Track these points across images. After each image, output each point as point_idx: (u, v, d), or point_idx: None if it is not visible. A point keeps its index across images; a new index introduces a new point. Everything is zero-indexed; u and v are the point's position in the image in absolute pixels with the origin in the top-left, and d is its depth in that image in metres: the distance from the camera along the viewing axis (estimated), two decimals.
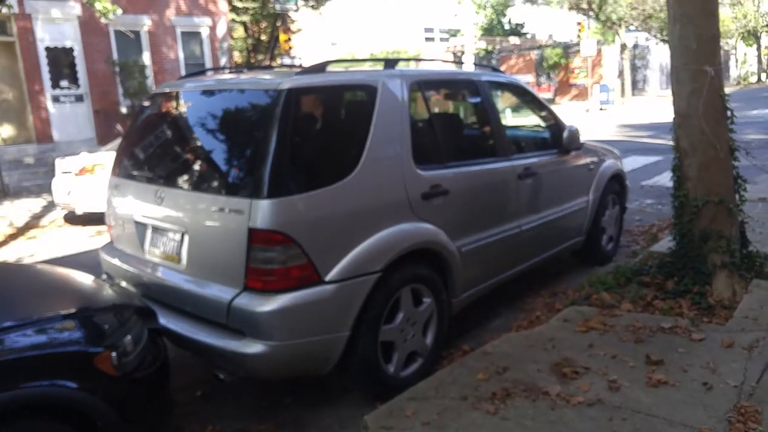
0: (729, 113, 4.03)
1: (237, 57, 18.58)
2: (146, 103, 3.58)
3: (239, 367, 2.75)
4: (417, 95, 3.39)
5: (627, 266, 4.65)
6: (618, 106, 25.02)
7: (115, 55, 12.92)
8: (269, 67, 3.79)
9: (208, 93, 3.20)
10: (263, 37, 19.43)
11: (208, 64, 14.28)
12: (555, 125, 4.57)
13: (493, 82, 4.07)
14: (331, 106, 3.09)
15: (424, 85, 3.47)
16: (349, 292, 2.80)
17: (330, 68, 3.09)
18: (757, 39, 40.86)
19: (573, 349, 3.34)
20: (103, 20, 9.82)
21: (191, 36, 14.30)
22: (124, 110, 12.96)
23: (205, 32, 14.48)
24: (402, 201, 3.10)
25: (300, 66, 3.60)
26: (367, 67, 3.87)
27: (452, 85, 3.97)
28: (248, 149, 2.81)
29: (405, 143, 3.15)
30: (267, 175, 2.61)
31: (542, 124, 4.64)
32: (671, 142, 4.30)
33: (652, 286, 4.19)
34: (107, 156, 8.37)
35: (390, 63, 3.37)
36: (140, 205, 3.22)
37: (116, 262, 3.40)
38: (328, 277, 2.74)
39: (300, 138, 2.77)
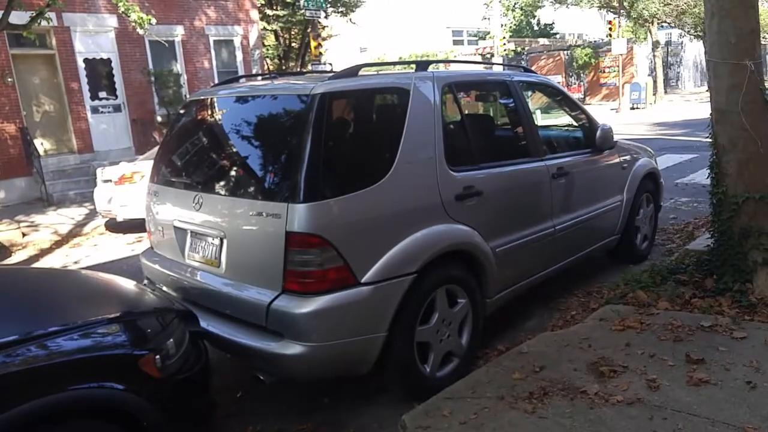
0: None
1: (269, 64, 18.85)
2: (182, 111, 3.68)
3: (278, 369, 2.81)
4: (449, 97, 3.42)
5: (663, 265, 4.59)
6: (650, 105, 24.52)
7: (151, 65, 13.28)
8: (301, 73, 3.87)
9: (242, 99, 3.27)
10: (294, 44, 19.70)
11: (241, 71, 14.54)
12: (588, 124, 4.54)
13: (524, 82, 4.07)
14: (363, 110, 3.14)
15: (456, 86, 3.50)
16: (385, 293, 2.84)
17: (362, 72, 3.14)
18: None
19: (610, 348, 3.32)
20: (139, 31, 10.09)
21: (224, 44, 14.60)
22: (159, 119, 13.30)
23: (237, 40, 14.76)
24: (436, 203, 3.13)
25: (331, 71, 3.67)
26: (398, 70, 3.91)
27: (484, 86, 3.99)
28: (283, 154, 2.88)
29: (438, 145, 3.18)
30: (303, 179, 2.67)
31: (575, 123, 4.61)
32: (707, 139, 4.24)
33: (690, 284, 4.14)
34: (145, 164, 8.61)
35: (422, 65, 3.41)
36: (179, 210, 3.31)
37: (157, 267, 3.50)
38: (364, 279, 2.78)
39: (334, 142, 2.83)
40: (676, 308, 3.81)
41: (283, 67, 19.15)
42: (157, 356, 2.31)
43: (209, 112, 3.43)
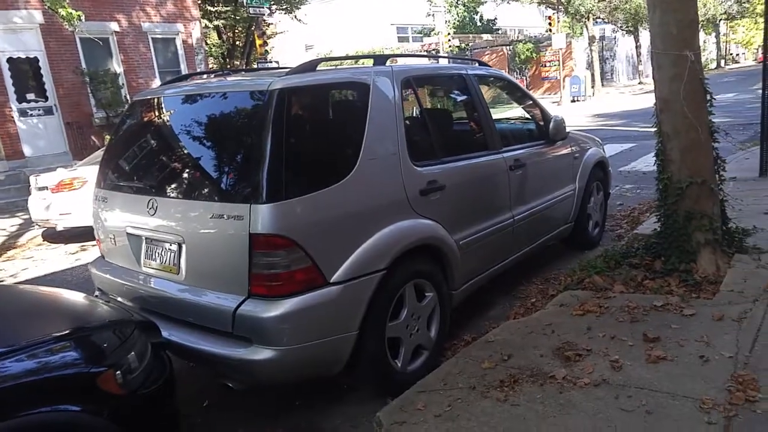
0: (708, 96, 4.15)
1: (212, 63, 18.39)
2: (128, 112, 3.51)
3: (248, 375, 2.74)
4: (408, 91, 3.43)
5: (615, 250, 4.76)
6: (589, 97, 25.42)
7: (84, 65, 12.67)
8: (253, 70, 3.75)
9: (195, 98, 3.14)
10: (238, 42, 19.29)
11: (184, 70, 14.14)
12: (541, 116, 4.66)
13: (480, 76, 4.13)
14: (324, 106, 3.08)
15: (414, 80, 3.50)
16: (355, 291, 2.81)
17: (320, 67, 3.10)
18: (716, 27, 42.02)
19: (572, 332, 3.43)
20: (68, 27, 9.58)
21: (164, 42, 14.15)
22: (97, 121, 12.74)
23: (178, 39, 14.33)
24: (401, 198, 3.14)
25: (280, 68, 3.61)
26: (356, 64, 3.89)
27: (442, 80, 4.02)
28: (243, 153, 2.79)
29: (400, 140, 3.18)
30: (265, 178, 2.58)
31: (528, 115, 4.72)
32: (644, 129, 4.45)
33: (641, 267, 4.31)
34: (86, 170, 8.24)
35: (379, 59, 3.40)
36: (132, 216, 3.16)
37: (109, 276, 3.33)
38: (333, 279, 2.75)
39: (295, 139, 2.74)
40: (630, 290, 3.97)
41: (228, 66, 18.73)
42: (118, 372, 2.18)
43: (159, 112, 3.29)
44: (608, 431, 2.45)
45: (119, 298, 3.28)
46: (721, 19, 40.19)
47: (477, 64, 4.42)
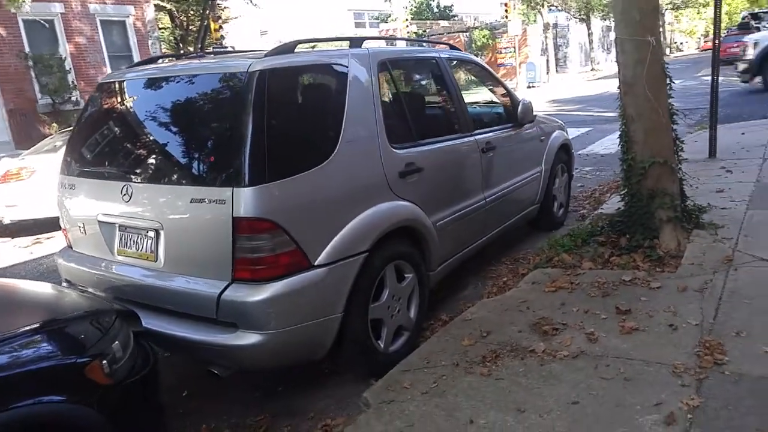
0: (668, 80, 4.31)
1: (164, 48, 17.82)
2: (95, 94, 3.37)
3: (234, 361, 2.71)
4: (384, 74, 3.43)
5: (581, 229, 4.91)
6: (544, 83, 25.92)
7: (27, 48, 12.03)
8: (227, 52, 3.67)
9: (172, 80, 3.05)
10: (192, 27, 18.73)
11: (135, 54, 13.66)
12: (509, 99, 4.74)
13: (452, 59, 4.17)
14: (303, 88, 3.05)
15: (390, 63, 3.50)
16: (339, 274, 2.82)
17: (298, 48, 3.07)
18: (662, 16, 43.53)
19: (547, 308, 3.53)
20: (11, 9, 9.08)
21: (113, 25, 13.61)
22: (43, 108, 12.17)
23: (129, 21, 13.81)
24: (381, 180, 3.15)
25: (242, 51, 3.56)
26: (333, 46, 3.86)
27: (416, 63, 4.04)
28: (223, 136, 2.73)
29: (379, 122, 3.19)
30: (247, 161, 2.54)
31: (497, 98, 4.80)
32: (599, 114, 4.60)
33: (607, 244, 4.46)
34: (34, 159, 7.93)
35: (356, 42, 3.38)
36: (103, 203, 3.06)
37: (78, 266, 3.22)
38: (317, 261, 2.74)
39: (276, 122, 2.70)
40: (598, 267, 4.12)
41: (182, 51, 18.19)
42: (104, 361, 2.12)
43: (132, 95, 3.18)
44: (591, 399, 2.55)
45: (90, 289, 3.17)
46: (666, 9, 41.61)
47: (448, 48, 4.46)
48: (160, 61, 3.60)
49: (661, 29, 4.53)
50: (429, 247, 3.51)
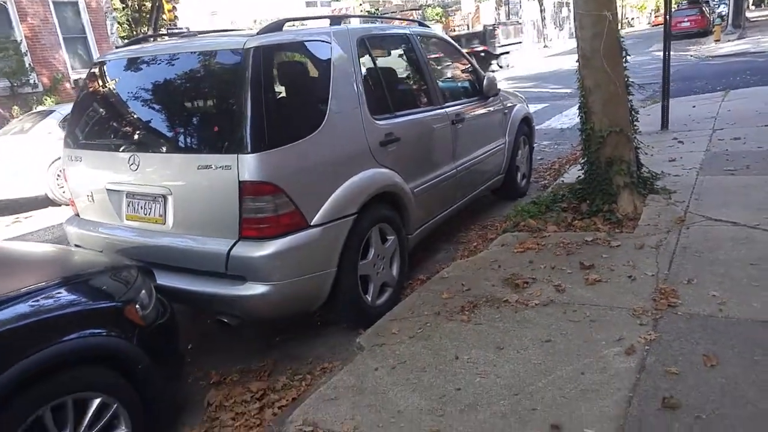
0: (624, 53, 4.66)
1: (117, 30, 17.35)
2: (94, 71, 3.51)
3: (244, 310, 2.94)
4: (363, 49, 3.64)
5: (544, 196, 5.27)
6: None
7: None
8: (215, 31, 3.82)
9: (170, 57, 3.20)
10: (144, 7, 18.25)
11: (90, 36, 13.33)
12: (474, 74, 5.01)
13: (423, 35, 4.40)
14: (294, 63, 3.27)
15: (367, 39, 3.71)
16: (332, 233, 3.08)
17: (285, 27, 3.25)
18: None
19: (516, 266, 3.86)
20: None
21: (66, 6, 13.21)
22: (1, 92, 11.82)
23: (81, 2, 13.42)
24: (364, 149, 3.39)
25: (192, 33, 3.77)
26: (314, 25, 4.04)
27: (390, 39, 4.24)
28: (226, 108, 2.93)
29: (360, 95, 3.42)
30: (249, 130, 2.77)
31: (464, 73, 5.06)
32: (554, 90, 4.95)
33: (569, 209, 4.83)
34: (6, 140, 7.91)
35: (335, 20, 3.58)
36: (111, 173, 3.24)
37: (88, 232, 3.42)
38: (313, 222, 2.99)
39: (272, 94, 2.94)
40: (562, 230, 4.47)
41: (134, 33, 17.75)
42: (137, 305, 2.40)
43: (133, 72, 3.32)
44: (561, 337, 2.88)
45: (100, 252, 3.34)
46: None
47: (417, 25, 4.68)
48: (151, 40, 3.73)
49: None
50: (408, 211, 3.77)
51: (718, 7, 32.91)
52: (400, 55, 4.22)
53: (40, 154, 7.72)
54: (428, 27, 4.84)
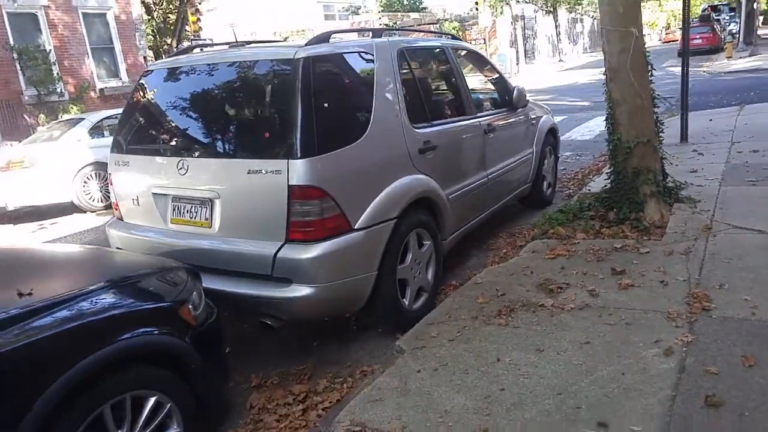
0: (649, 68, 4.76)
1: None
2: (142, 81, 3.66)
3: (288, 312, 3.04)
4: (403, 61, 3.77)
5: (571, 205, 5.35)
6: (514, 74, 26.53)
7: (12, 41, 12.00)
8: (263, 41, 4.00)
9: (221, 66, 3.35)
10: (169, 18, 18.64)
11: (118, 47, 13.65)
12: (504, 85, 5.13)
13: (456, 48, 4.54)
14: (340, 73, 3.40)
15: (407, 51, 3.85)
16: (374, 236, 3.18)
17: (331, 39, 3.39)
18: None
19: (549, 272, 3.94)
20: None
21: (96, 18, 13.56)
22: (28, 99, 12.12)
23: (110, 13, 13.77)
24: (405, 156, 3.51)
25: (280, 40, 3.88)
26: (356, 36, 4.17)
27: (428, 51, 4.38)
28: (276, 115, 3.06)
29: (401, 104, 3.54)
30: (299, 137, 2.89)
31: (494, 84, 5.18)
32: (572, 103, 5.06)
33: (597, 218, 4.90)
34: (37, 148, 8.14)
35: (377, 32, 3.72)
36: (157, 178, 3.37)
37: (132, 235, 3.52)
38: (357, 225, 3.10)
39: (321, 102, 3.06)
40: (591, 237, 4.55)
41: (159, 44, 18.13)
42: (190, 306, 2.49)
43: (182, 80, 3.47)
44: (599, 339, 2.95)
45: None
46: None
47: (451, 38, 4.81)
48: (196, 50, 3.89)
49: None
50: (443, 217, 3.87)
51: (729, 24, 32.96)
52: (437, 67, 4.36)
53: (69, 161, 7.93)
54: (460, 40, 4.97)
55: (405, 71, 3.76)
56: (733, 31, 30.04)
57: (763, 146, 6.81)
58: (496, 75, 5.18)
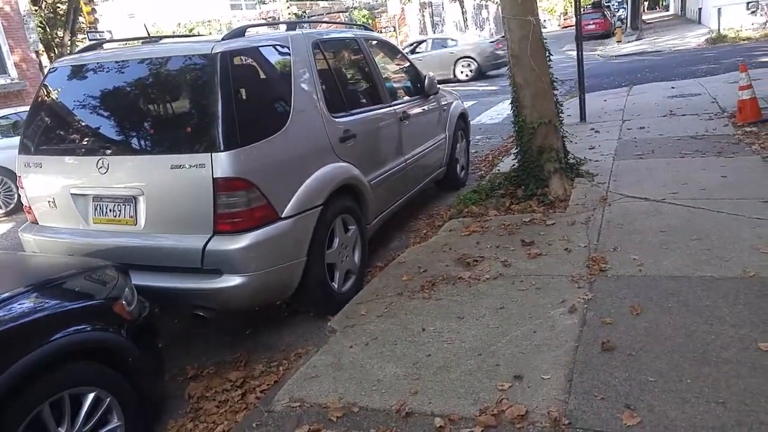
0: (548, 53, 5.15)
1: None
2: (50, 77, 3.55)
3: (221, 302, 3.10)
4: (318, 52, 3.88)
5: (483, 185, 5.70)
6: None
7: None
8: (174, 36, 3.94)
9: (137, 62, 3.31)
10: (59, 10, 17.47)
11: (3, 42, 12.67)
12: (416, 74, 5.36)
13: (368, 39, 4.70)
14: (257, 66, 3.45)
15: (322, 43, 3.97)
16: (302, 224, 3.29)
17: (247, 33, 3.45)
18: None
19: (465, 247, 4.23)
20: None
21: None
22: None
23: None
24: (326, 145, 3.64)
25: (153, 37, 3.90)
26: (270, 30, 4.23)
27: (342, 43, 4.50)
28: (197, 109, 3.09)
29: (319, 94, 3.66)
30: (221, 130, 2.94)
31: (406, 73, 5.40)
32: (482, 89, 5.40)
33: (507, 195, 5.27)
34: None
35: (291, 25, 3.81)
36: (76, 178, 3.30)
37: (50, 238, 3.43)
38: (284, 214, 3.20)
39: (240, 95, 3.13)
40: (502, 213, 4.90)
41: (50, 37, 16.98)
42: (124, 302, 2.53)
43: (97, 77, 3.39)
44: (512, 304, 3.26)
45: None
46: None
47: (363, 29, 4.97)
48: (105, 46, 3.80)
49: None
50: (366, 202, 4.05)
51: (618, 10, 35.42)
52: (351, 57, 4.50)
53: None
54: (371, 30, 5.14)
55: (321, 63, 3.88)
56: (622, 16, 32.30)
57: (648, 123, 7.55)
58: (407, 64, 5.40)
